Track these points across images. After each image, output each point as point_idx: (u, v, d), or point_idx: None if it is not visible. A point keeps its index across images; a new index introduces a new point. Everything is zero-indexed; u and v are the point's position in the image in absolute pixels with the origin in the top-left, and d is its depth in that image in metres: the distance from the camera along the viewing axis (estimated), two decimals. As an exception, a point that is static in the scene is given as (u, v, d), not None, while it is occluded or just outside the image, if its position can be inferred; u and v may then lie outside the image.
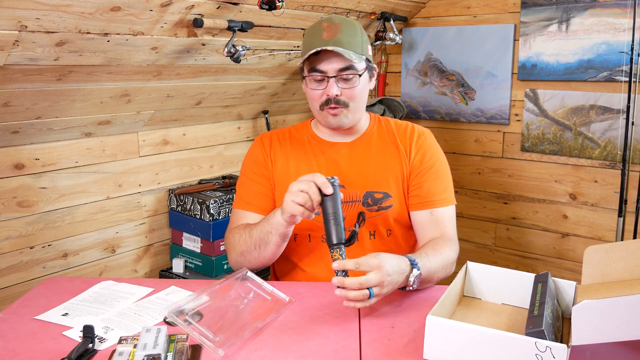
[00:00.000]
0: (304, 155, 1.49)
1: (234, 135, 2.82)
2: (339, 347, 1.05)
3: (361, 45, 1.37)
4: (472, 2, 2.69)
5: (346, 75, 1.35)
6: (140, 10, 1.68)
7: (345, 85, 1.36)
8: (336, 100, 1.37)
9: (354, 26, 1.38)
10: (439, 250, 1.33)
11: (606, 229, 2.49)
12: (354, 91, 1.37)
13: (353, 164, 1.45)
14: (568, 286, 1.16)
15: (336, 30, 1.34)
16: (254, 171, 1.50)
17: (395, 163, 1.46)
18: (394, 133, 1.50)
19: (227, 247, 1.47)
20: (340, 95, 1.37)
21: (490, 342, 0.95)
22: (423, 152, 1.46)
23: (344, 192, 1.41)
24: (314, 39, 1.36)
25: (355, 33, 1.37)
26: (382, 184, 1.44)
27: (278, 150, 1.51)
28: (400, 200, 1.44)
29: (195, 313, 1.12)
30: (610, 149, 2.40)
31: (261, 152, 1.52)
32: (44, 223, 2.09)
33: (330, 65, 1.34)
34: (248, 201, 1.48)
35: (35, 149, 2.03)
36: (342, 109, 1.38)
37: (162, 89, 2.17)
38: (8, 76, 1.63)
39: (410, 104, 2.95)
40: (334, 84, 1.35)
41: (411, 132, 1.50)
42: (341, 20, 1.37)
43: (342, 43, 1.32)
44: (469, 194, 2.86)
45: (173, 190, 2.49)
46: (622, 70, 2.30)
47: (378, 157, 1.46)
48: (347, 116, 1.40)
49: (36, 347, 1.06)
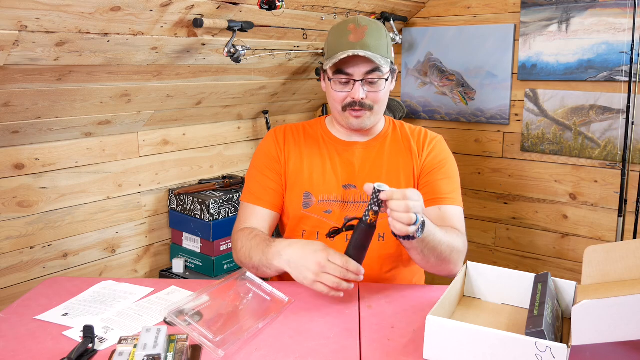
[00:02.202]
0: (318, 153, 1.49)
1: (234, 135, 2.82)
2: (339, 347, 1.05)
3: (387, 48, 1.37)
4: (472, 2, 2.69)
5: (371, 78, 1.35)
6: (140, 10, 1.68)
7: (370, 88, 1.37)
8: (361, 104, 1.37)
9: (380, 29, 1.38)
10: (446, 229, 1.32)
11: (606, 229, 2.49)
12: (379, 95, 1.38)
13: (366, 164, 1.46)
14: (568, 286, 1.16)
15: (363, 33, 1.34)
16: (266, 165, 1.48)
17: (407, 164, 1.47)
18: (407, 136, 1.51)
19: (233, 247, 1.45)
20: (366, 98, 1.37)
21: (490, 342, 0.95)
22: (435, 154, 1.48)
23: (355, 192, 1.43)
24: (340, 41, 1.35)
25: (381, 36, 1.36)
26: (394, 185, 1.40)
27: (292, 147, 1.49)
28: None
29: (195, 313, 1.12)
30: (610, 149, 2.40)
31: (275, 146, 1.49)
32: (44, 223, 2.09)
33: (358, 69, 1.34)
34: (258, 196, 1.46)
35: (35, 149, 2.03)
36: (366, 112, 1.39)
37: (162, 89, 2.17)
38: (8, 76, 1.63)
39: (410, 104, 2.95)
40: (360, 88, 1.35)
41: (425, 135, 1.52)
42: (367, 22, 1.37)
43: (369, 46, 1.32)
44: (469, 194, 2.86)
45: (173, 190, 2.49)
46: (622, 70, 2.30)
47: (391, 158, 1.47)
48: (370, 118, 1.41)
49: (36, 347, 1.06)
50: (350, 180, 1.44)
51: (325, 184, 1.44)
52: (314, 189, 1.44)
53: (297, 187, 1.46)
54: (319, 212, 1.43)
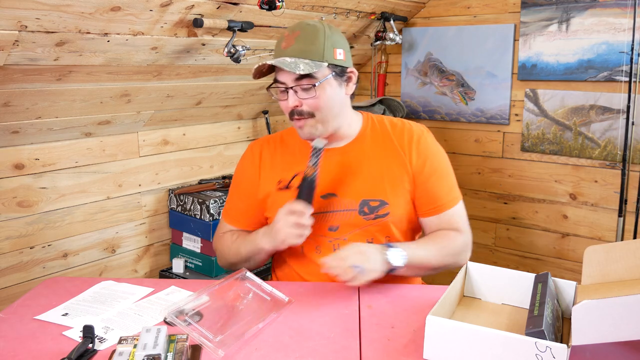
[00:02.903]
0: (290, 164, 1.45)
1: (234, 135, 2.82)
2: (339, 347, 1.05)
3: (322, 52, 1.29)
4: (472, 2, 2.69)
5: (303, 85, 1.29)
6: (140, 10, 1.68)
7: (305, 95, 1.30)
8: (299, 112, 1.32)
9: (316, 32, 1.30)
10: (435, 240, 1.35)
11: (606, 229, 2.49)
12: (316, 101, 1.30)
13: (346, 171, 1.40)
14: (568, 286, 1.16)
15: (293, 38, 1.29)
16: (241, 186, 1.51)
17: (392, 166, 1.40)
18: (389, 134, 1.43)
19: (217, 254, 1.54)
20: (302, 105, 1.31)
21: (490, 342, 0.95)
22: (424, 157, 1.41)
23: (337, 201, 1.38)
24: (276, 49, 1.33)
25: (315, 39, 1.29)
26: (378, 191, 1.38)
27: (267, 161, 1.48)
28: (399, 205, 1.39)
29: (195, 313, 1.12)
30: (610, 149, 2.40)
31: (250, 164, 1.50)
32: (44, 223, 2.09)
33: (287, 76, 1.29)
34: (234, 216, 1.53)
35: (35, 149, 2.03)
36: (307, 120, 1.33)
37: (162, 89, 2.17)
38: (8, 76, 1.63)
39: (410, 104, 2.95)
40: (292, 95, 1.30)
41: (409, 134, 1.43)
42: (303, 27, 1.31)
43: (296, 52, 1.28)
44: (469, 194, 2.86)
45: (173, 190, 2.49)
46: (622, 70, 2.30)
47: (372, 161, 1.40)
48: (315, 127, 1.34)
49: (36, 347, 1.06)
50: (330, 189, 1.39)
51: None
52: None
53: (272, 199, 1.44)
54: None
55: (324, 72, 1.30)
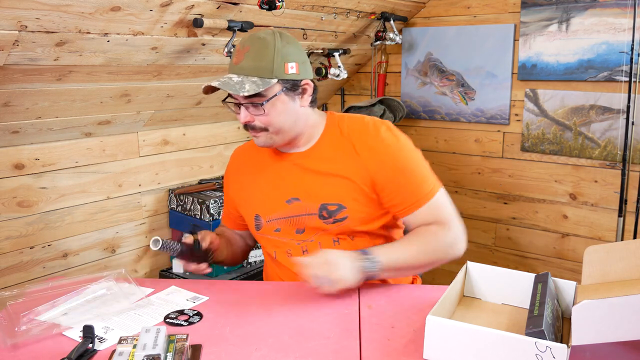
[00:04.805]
0: (261, 172, 1.46)
1: (234, 135, 2.82)
2: (339, 347, 1.05)
3: (271, 68, 1.25)
4: (472, 2, 2.69)
5: (253, 101, 1.26)
6: (140, 10, 1.68)
7: (255, 111, 1.28)
8: (251, 126, 1.31)
9: (265, 47, 1.25)
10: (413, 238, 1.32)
11: (606, 229, 2.49)
12: (267, 118, 1.28)
13: (307, 175, 1.37)
14: (568, 286, 1.16)
15: (243, 54, 1.27)
16: (225, 191, 1.60)
17: (350, 169, 1.34)
18: (347, 136, 1.37)
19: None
20: (254, 121, 1.30)
21: (490, 342, 0.95)
22: (383, 156, 1.33)
23: (300, 204, 1.37)
24: (230, 62, 1.32)
25: (264, 55, 1.25)
26: (336, 195, 1.35)
27: (238, 171, 1.54)
28: (357, 210, 1.34)
29: (195, 314, 1.12)
30: (610, 149, 2.40)
31: (228, 172, 1.58)
32: (44, 223, 2.09)
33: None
34: (225, 217, 1.63)
35: (35, 149, 2.03)
36: (261, 133, 1.32)
37: (162, 89, 2.17)
38: (8, 76, 1.63)
39: (410, 104, 2.95)
40: (243, 111, 1.29)
41: (365, 134, 1.36)
42: (253, 41, 1.27)
43: (244, 69, 1.25)
44: (469, 194, 2.86)
45: (173, 190, 2.49)
46: (622, 70, 2.30)
47: (331, 165, 1.36)
48: (271, 138, 1.33)
49: (36, 347, 1.06)
50: (293, 194, 1.38)
51: (270, 203, 1.41)
52: (261, 210, 1.43)
53: (248, 211, 1.48)
54: (270, 232, 1.42)
55: (274, 89, 1.26)
